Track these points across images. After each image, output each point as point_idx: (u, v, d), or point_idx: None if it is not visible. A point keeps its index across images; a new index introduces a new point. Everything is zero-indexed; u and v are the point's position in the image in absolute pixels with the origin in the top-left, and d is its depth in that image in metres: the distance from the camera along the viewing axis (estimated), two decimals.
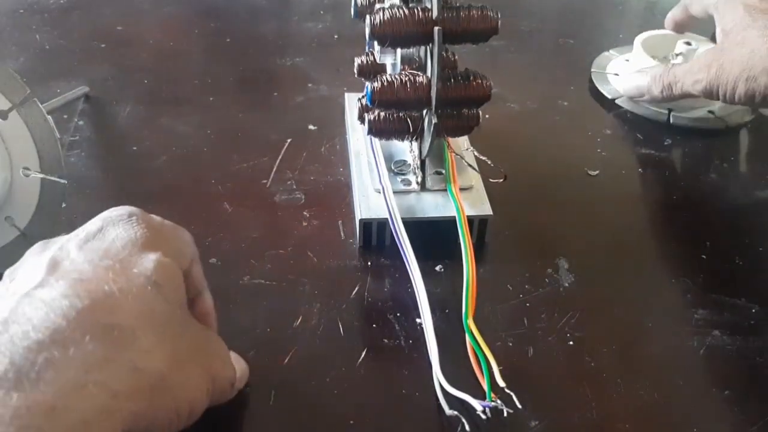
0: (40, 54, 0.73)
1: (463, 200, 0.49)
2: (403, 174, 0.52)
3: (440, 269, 0.48)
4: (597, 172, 0.58)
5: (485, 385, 0.39)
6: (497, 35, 0.45)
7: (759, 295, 0.47)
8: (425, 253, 0.47)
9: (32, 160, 0.43)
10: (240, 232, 0.51)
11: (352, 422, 0.39)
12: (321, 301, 0.46)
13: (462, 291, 0.44)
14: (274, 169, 0.57)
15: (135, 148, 0.59)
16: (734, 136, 0.64)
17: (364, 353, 0.43)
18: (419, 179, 0.51)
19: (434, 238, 0.48)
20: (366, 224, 0.49)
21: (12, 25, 0.78)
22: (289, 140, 0.60)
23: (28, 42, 0.75)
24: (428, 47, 0.45)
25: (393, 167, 0.52)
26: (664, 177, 0.58)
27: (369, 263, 0.49)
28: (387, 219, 0.48)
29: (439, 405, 0.39)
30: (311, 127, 0.61)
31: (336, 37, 0.77)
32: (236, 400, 0.40)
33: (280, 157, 0.58)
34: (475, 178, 0.52)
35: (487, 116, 0.61)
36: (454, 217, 0.48)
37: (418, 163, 0.51)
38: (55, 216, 0.45)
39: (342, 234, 0.51)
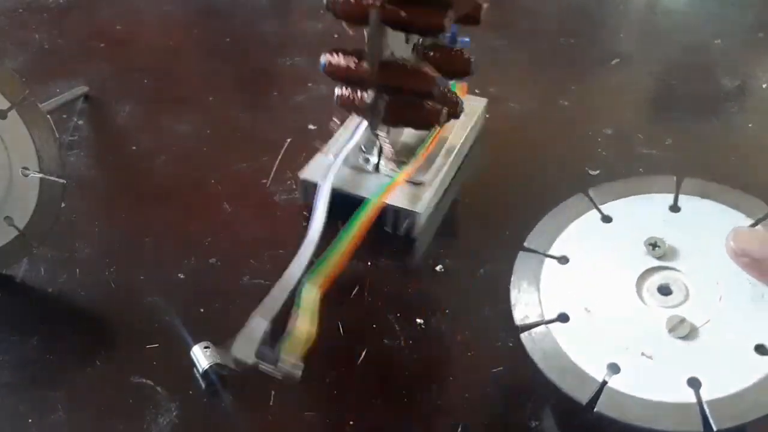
0: (39, 53, 0.73)
1: (401, 192, 0.50)
2: (367, 153, 0.52)
3: (440, 269, 0.48)
4: (597, 171, 0.58)
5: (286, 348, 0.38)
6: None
7: None
8: (425, 251, 0.47)
9: (31, 160, 0.43)
10: (240, 232, 0.51)
11: (352, 422, 0.39)
12: (321, 301, 0.46)
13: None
14: (274, 169, 0.57)
15: (134, 147, 0.59)
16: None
17: (364, 353, 0.43)
18: (375, 161, 0.52)
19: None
20: (305, 184, 0.51)
21: (11, 25, 0.78)
22: (288, 140, 0.60)
23: (27, 41, 0.75)
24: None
25: (365, 146, 0.52)
26: None
27: (369, 263, 0.49)
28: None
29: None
30: (311, 126, 0.61)
31: (336, 36, 0.77)
32: (236, 399, 0.40)
33: (279, 157, 0.58)
34: (438, 178, 0.52)
35: (487, 116, 0.61)
36: (384, 194, 0.48)
37: (380, 145, 0.52)
38: (55, 216, 0.45)
39: None
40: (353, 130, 0.53)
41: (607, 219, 0.39)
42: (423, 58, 0.49)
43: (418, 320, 0.44)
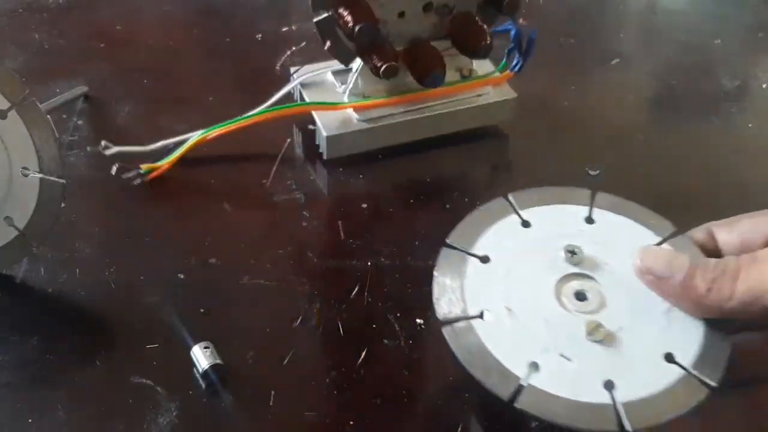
0: (39, 53, 0.73)
1: (336, 117, 0.57)
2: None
3: None
4: (597, 171, 0.58)
5: None
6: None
7: None
8: (424, 252, 0.46)
9: (31, 160, 0.43)
10: (240, 232, 0.51)
11: (352, 422, 0.39)
12: (321, 301, 0.46)
13: None
14: (274, 169, 0.57)
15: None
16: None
17: (364, 353, 0.43)
18: (350, 85, 0.57)
19: None
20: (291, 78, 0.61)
21: (11, 25, 0.78)
22: (288, 140, 0.60)
23: (27, 41, 0.74)
24: None
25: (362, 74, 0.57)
26: (664, 177, 0.58)
27: (369, 263, 0.49)
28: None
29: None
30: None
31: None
32: (236, 399, 0.40)
33: (279, 157, 0.58)
34: (375, 123, 0.56)
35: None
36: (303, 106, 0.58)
37: (355, 76, 0.57)
38: (54, 216, 0.45)
39: (342, 234, 0.51)
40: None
41: (526, 224, 0.40)
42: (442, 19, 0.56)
43: (418, 320, 0.44)
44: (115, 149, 0.56)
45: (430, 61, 0.55)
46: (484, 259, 0.39)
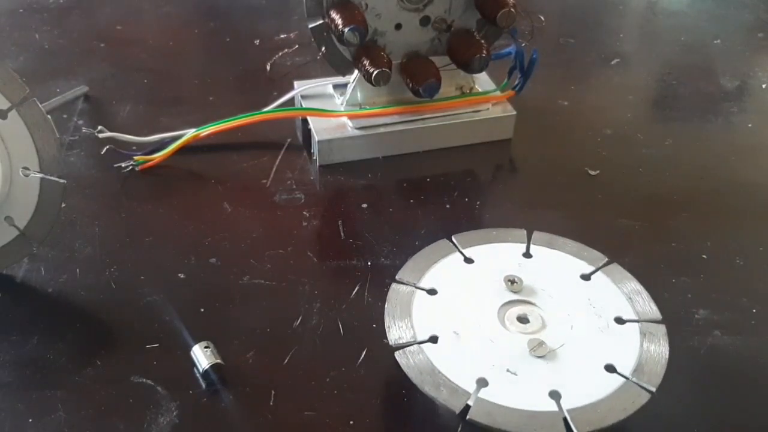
0: (39, 53, 0.73)
1: (331, 123, 0.58)
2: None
3: None
4: (597, 171, 0.58)
5: None
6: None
7: (759, 295, 0.47)
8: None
9: (32, 160, 0.43)
10: (240, 232, 0.51)
11: (352, 422, 0.39)
12: (321, 301, 0.46)
13: None
14: (274, 169, 0.57)
15: (134, 147, 0.59)
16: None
17: (364, 353, 0.43)
18: (348, 95, 0.58)
19: None
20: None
21: (12, 25, 0.78)
22: (288, 140, 0.60)
23: (27, 41, 0.75)
24: None
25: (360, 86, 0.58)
26: (664, 177, 0.58)
27: (369, 263, 0.49)
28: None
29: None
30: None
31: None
32: (236, 399, 0.40)
33: (279, 157, 0.58)
34: (369, 131, 0.57)
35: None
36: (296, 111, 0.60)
37: (353, 86, 0.58)
38: (55, 216, 0.45)
39: (342, 234, 0.51)
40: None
41: (469, 260, 0.44)
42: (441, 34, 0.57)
43: None
44: (109, 134, 0.58)
45: (425, 71, 0.56)
46: (431, 292, 0.41)
